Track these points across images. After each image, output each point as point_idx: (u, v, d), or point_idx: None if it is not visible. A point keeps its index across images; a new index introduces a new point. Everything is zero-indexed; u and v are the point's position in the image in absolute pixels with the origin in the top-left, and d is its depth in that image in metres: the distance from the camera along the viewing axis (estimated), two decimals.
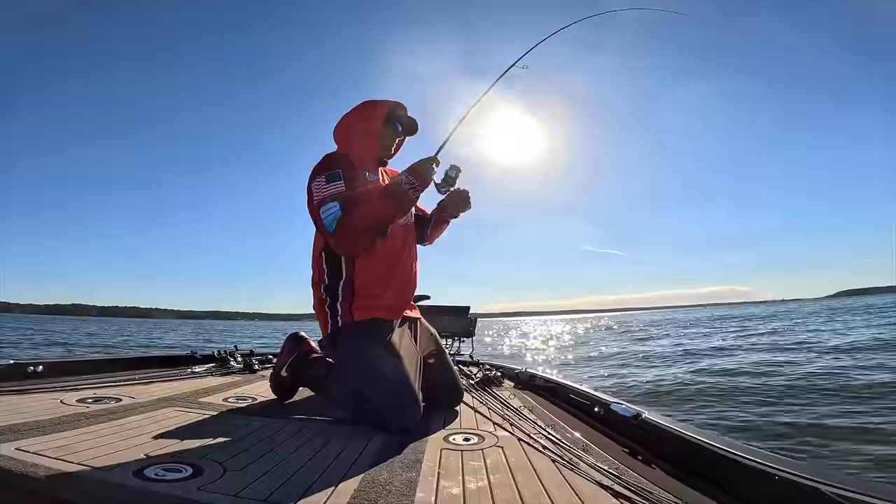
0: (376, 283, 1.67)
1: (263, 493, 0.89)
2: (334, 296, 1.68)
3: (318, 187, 1.59)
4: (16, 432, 1.13)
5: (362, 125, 1.77)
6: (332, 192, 1.56)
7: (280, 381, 1.87)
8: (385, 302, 1.67)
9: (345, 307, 1.65)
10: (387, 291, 1.69)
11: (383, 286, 1.68)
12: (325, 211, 1.54)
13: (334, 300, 1.68)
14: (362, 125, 1.77)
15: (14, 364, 1.95)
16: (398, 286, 1.73)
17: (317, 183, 1.60)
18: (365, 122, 1.77)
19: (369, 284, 1.66)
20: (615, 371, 8.21)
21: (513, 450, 1.25)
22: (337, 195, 1.55)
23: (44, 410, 1.39)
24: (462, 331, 4.04)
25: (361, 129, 1.77)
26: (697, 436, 1.16)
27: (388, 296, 1.69)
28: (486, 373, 2.35)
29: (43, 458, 0.96)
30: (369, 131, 1.75)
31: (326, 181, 1.58)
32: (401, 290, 1.75)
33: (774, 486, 0.89)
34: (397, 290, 1.72)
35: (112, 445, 1.10)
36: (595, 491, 0.98)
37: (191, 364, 2.64)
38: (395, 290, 1.71)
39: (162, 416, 1.45)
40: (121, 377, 2.10)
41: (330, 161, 1.65)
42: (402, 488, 0.96)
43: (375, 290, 1.67)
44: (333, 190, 1.56)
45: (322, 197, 1.56)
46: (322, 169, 1.62)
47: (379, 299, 1.66)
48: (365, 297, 1.65)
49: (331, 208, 1.53)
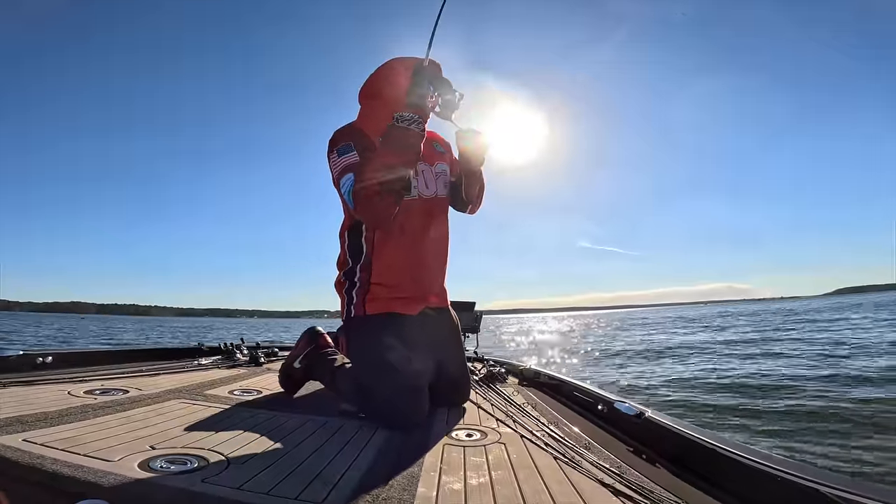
0: (395, 272, 1.61)
1: (266, 486, 0.90)
2: (352, 280, 1.65)
3: (333, 163, 1.55)
4: (23, 423, 1.15)
5: (386, 93, 1.62)
6: (346, 164, 1.51)
7: (291, 372, 1.86)
8: (403, 292, 1.61)
9: (360, 295, 1.62)
10: (407, 281, 1.62)
11: (403, 275, 1.62)
12: (343, 184, 1.50)
13: (351, 285, 1.64)
14: (386, 93, 1.62)
15: (23, 355, 1.97)
16: (421, 275, 1.65)
17: (331, 160, 1.55)
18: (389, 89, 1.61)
19: (387, 273, 1.60)
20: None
21: (515, 446, 1.25)
22: (350, 165, 1.50)
23: (51, 402, 1.41)
24: (467, 326, 4.04)
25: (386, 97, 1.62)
26: (700, 435, 1.15)
27: (408, 286, 1.62)
28: (491, 369, 2.35)
29: (50, 449, 0.97)
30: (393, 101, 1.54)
31: (338, 155, 1.53)
32: (424, 278, 1.67)
33: (776, 486, 0.89)
34: (420, 280, 1.65)
35: (118, 437, 1.11)
36: (596, 489, 0.98)
37: (197, 356, 2.67)
38: (416, 280, 1.64)
39: (168, 409, 1.46)
40: (128, 369, 2.13)
41: (340, 135, 1.60)
42: (404, 482, 0.97)
43: (394, 279, 1.61)
44: (346, 161, 1.51)
45: (338, 171, 1.52)
46: (333, 144, 1.57)
47: (396, 290, 1.61)
48: (380, 289, 1.61)
49: (347, 180, 1.48)
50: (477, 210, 1.86)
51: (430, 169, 1.69)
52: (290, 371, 1.87)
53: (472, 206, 1.83)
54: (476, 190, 1.77)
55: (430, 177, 1.69)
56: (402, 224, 1.58)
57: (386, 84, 1.64)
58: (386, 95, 1.62)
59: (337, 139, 1.58)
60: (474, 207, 1.84)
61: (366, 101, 1.72)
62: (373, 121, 1.61)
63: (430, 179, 1.69)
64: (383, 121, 1.48)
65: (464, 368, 1.78)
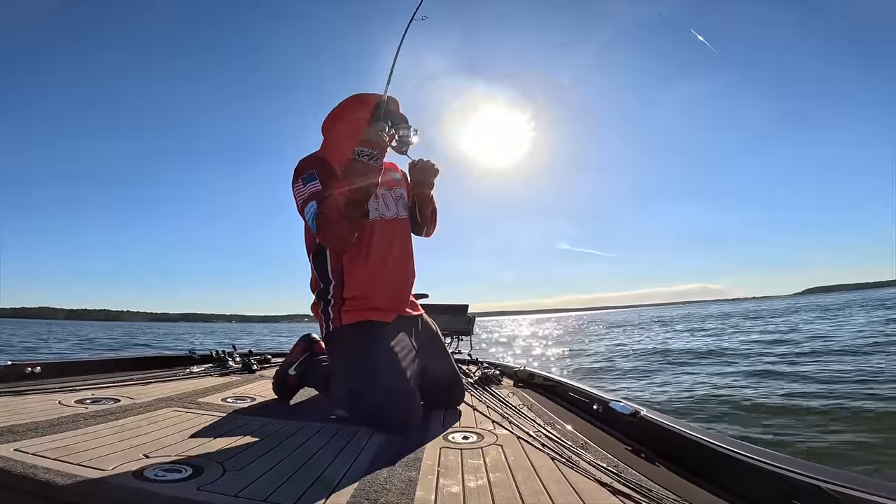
0: (367, 285, 1.67)
1: (263, 492, 0.89)
2: (326, 299, 1.70)
3: (297, 192, 1.61)
4: (15, 433, 1.13)
5: (347, 126, 1.73)
6: (309, 192, 1.57)
7: (286, 378, 1.87)
8: (377, 303, 1.67)
9: (335, 311, 1.67)
10: (379, 293, 1.68)
11: (374, 287, 1.67)
12: (307, 212, 1.56)
13: (326, 304, 1.69)
14: (347, 126, 1.73)
15: (12, 365, 1.94)
16: (391, 286, 1.72)
17: (296, 189, 1.62)
18: (350, 124, 1.72)
19: (359, 286, 1.66)
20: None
21: (512, 448, 1.26)
22: (314, 193, 1.57)
23: (42, 411, 1.39)
24: (461, 329, 4.05)
25: (347, 130, 1.72)
26: (696, 433, 1.16)
27: (381, 297, 1.68)
28: (485, 371, 2.36)
29: (42, 458, 0.96)
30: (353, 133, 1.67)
31: (303, 183, 1.60)
32: (394, 289, 1.73)
33: (773, 482, 0.90)
34: (390, 291, 1.71)
35: (111, 446, 1.10)
36: (594, 488, 0.98)
37: (188, 364, 2.64)
38: (387, 291, 1.70)
39: (160, 417, 1.45)
40: (119, 378, 2.10)
41: (304, 165, 1.66)
42: (402, 487, 0.96)
43: (366, 292, 1.66)
44: (310, 189, 1.58)
45: (303, 199, 1.59)
46: (298, 173, 1.64)
47: (370, 301, 1.66)
48: (355, 301, 1.66)
49: (310, 208, 1.55)
50: (432, 233, 1.98)
51: (389, 193, 1.81)
52: (284, 377, 1.88)
53: (427, 229, 1.96)
54: (428, 212, 1.90)
55: (390, 200, 1.80)
56: (369, 242, 1.68)
57: (347, 119, 1.75)
58: (347, 129, 1.72)
59: (302, 168, 1.65)
60: (429, 230, 1.97)
61: (328, 134, 1.80)
62: (335, 151, 1.71)
63: (391, 202, 1.80)
64: (345, 152, 1.61)
65: (453, 370, 1.81)
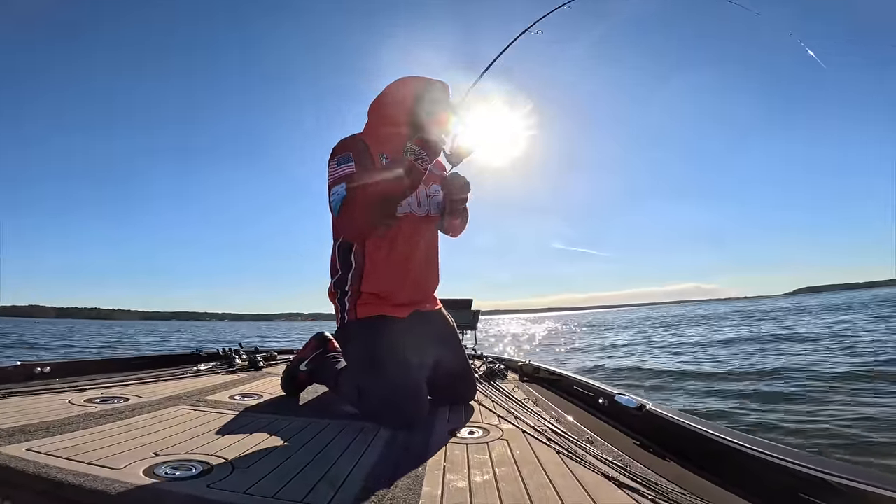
0: (387, 281, 1.64)
1: (272, 489, 0.90)
2: (343, 289, 1.67)
3: (329, 171, 1.56)
4: (26, 433, 1.14)
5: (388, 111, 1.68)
6: (341, 174, 1.51)
7: (296, 374, 1.88)
8: (395, 300, 1.65)
9: (351, 303, 1.65)
10: (398, 289, 1.66)
11: (394, 284, 1.65)
12: (333, 194, 1.51)
13: (343, 294, 1.67)
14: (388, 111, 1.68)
15: (21, 365, 1.96)
16: (412, 284, 1.69)
17: (330, 167, 1.56)
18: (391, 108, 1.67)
19: (379, 281, 1.64)
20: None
21: (518, 442, 1.26)
22: (345, 177, 1.50)
23: (53, 411, 1.41)
24: (465, 323, 4.07)
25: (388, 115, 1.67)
26: (702, 426, 1.16)
27: (400, 294, 1.66)
28: (490, 366, 2.36)
29: (54, 458, 0.97)
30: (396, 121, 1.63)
31: (337, 164, 1.54)
32: (415, 287, 1.71)
33: (780, 476, 0.90)
34: (411, 288, 1.69)
35: (121, 445, 1.11)
36: (600, 482, 0.98)
37: (196, 362, 2.66)
38: (407, 288, 1.68)
39: (169, 415, 1.46)
40: (127, 377, 2.12)
41: (343, 145, 1.61)
42: (409, 482, 0.97)
43: (385, 287, 1.64)
44: (342, 172, 1.52)
45: (333, 179, 1.53)
46: (335, 152, 1.59)
47: (388, 297, 1.64)
48: (371, 297, 1.64)
49: (337, 191, 1.49)
50: (458, 235, 1.93)
51: (424, 189, 1.72)
52: (294, 374, 1.89)
53: (454, 232, 1.91)
54: (457, 222, 1.83)
55: (423, 196, 1.73)
56: (395, 237, 1.64)
57: (398, 105, 1.67)
58: (396, 116, 1.66)
59: (340, 148, 1.61)
60: (455, 233, 1.92)
61: (374, 116, 1.74)
62: (379, 136, 1.66)
63: (424, 198, 1.73)
64: (390, 138, 1.55)
65: (465, 365, 1.80)
